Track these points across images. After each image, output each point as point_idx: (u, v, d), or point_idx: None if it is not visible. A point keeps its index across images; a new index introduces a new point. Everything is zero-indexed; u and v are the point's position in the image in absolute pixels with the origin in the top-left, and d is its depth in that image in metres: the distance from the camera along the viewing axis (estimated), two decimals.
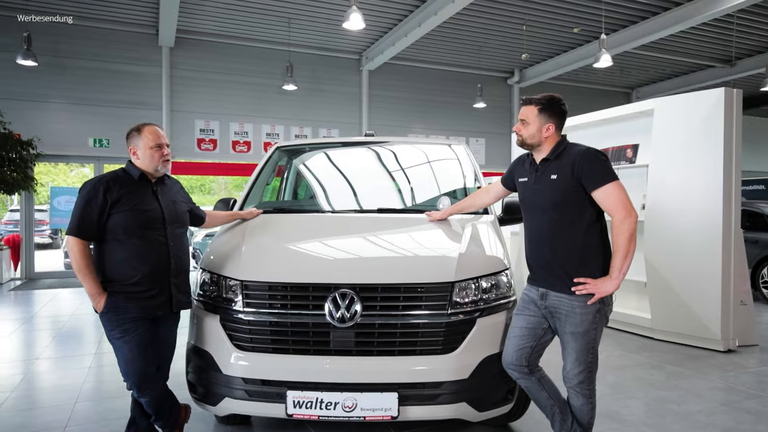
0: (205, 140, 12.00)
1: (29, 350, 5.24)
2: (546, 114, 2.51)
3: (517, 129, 2.59)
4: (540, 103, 2.53)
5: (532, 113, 2.53)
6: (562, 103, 2.55)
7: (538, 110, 2.52)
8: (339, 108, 13.04)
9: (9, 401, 3.74)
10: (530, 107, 2.54)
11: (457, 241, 2.86)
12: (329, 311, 2.47)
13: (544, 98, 2.54)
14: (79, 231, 2.49)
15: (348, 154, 4.16)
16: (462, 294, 2.59)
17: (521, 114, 2.58)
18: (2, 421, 3.39)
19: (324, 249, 2.85)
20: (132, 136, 2.68)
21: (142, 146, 2.64)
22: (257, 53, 12.14)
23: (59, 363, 4.74)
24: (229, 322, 2.61)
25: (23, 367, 4.59)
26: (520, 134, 2.57)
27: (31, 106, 10.36)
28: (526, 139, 2.56)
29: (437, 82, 13.95)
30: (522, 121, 2.56)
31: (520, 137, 2.58)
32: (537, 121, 2.52)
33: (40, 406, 3.64)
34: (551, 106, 2.52)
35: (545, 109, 2.52)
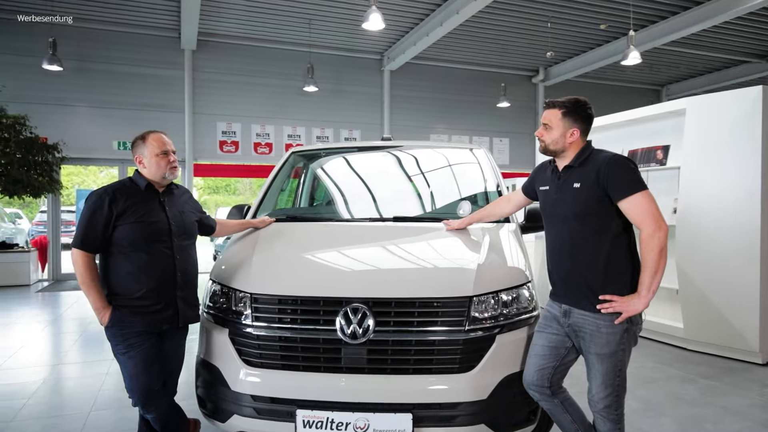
0: (227, 142, 12.04)
1: (51, 354, 5.27)
2: (570, 118, 2.36)
3: (540, 134, 2.43)
4: (564, 106, 2.37)
5: (556, 117, 2.38)
6: (588, 106, 2.39)
7: (562, 114, 2.36)
8: (360, 109, 12.95)
9: (26, 408, 3.73)
10: (553, 111, 2.39)
11: (475, 252, 2.72)
12: (340, 327, 2.36)
13: (569, 101, 2.38)
14: (83, 243, 2.43)
15: (364, 160, 4.04)
16: (481, 309, 2.45)
17: (544, 118, 2.42)
18: (17, 429, 3.38)
19: (336, 261, 2.74)
20: (137, 144, 2.60)
21: (148, 154, 2.57)
22: (278, 55, 12.13)
23: (78, 368, 4.75)
24: (238, 336, 2.51)
25: (43, 372, 4.61)
26: (542, 139, 2.42)
27: (57, 110, 10.53)
28: (549, 145, 2.40)
29: (460, 81, 13.75)
30: (545, 126, 2.41)
31: (542, 143, 2.43)
32: (561, 125, 2.36)
33: (54, 415, 3.62)
34: (576, 110, 2.37)
35: (570, 113, 2.36)
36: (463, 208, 3.27)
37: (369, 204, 3.62)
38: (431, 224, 3.14)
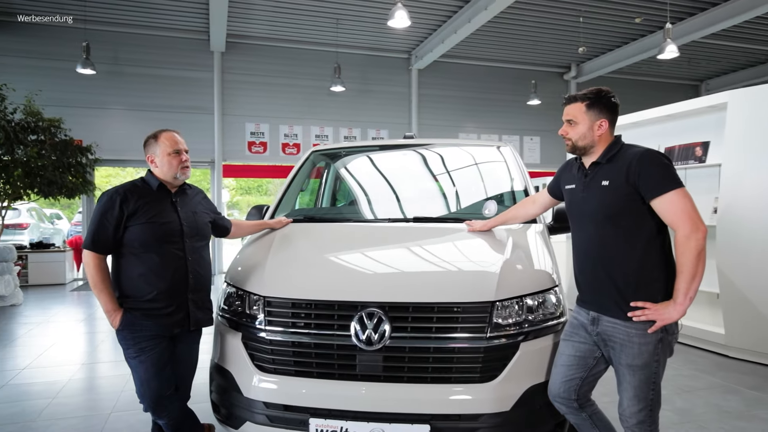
0: (256, 143, 12.12)
1: (79, 353, 5.33)
2: (596, 109, 2.20)
3: (564, 132, 2.28)
4: (587, 98, 2.22)
5: (580, 111, 2.22)
6: (611, 95, 2.23)
7: (585, 107, 2.21)
8: (388, 108, 12.86)
9: (49, 408, 3.76)
10: (576, 105, 2.23)
11: (498, 254, 2.58)
12: (355, 332, 2.26)
13: (590, 92, 2.22)
14: (94, 245, 2.39)
15: (385, 158, 3.93)
16: (504, 315, 2.31)
17: (566, 114, 2.27)
18: (38, 430, 3.40)
19: (352, 263, 2.64)
20: (149, 143, 2.56)
21: (160, 153, 2.52)
22: (305, 55, 12.15)
23: (104, 368, 4.79)
24: (251, 341, 2.44)
25: (70, 371, 4.66)
26: (568, 137, 2.27)
27: (91, 112, 10.77)
28: (577, 142, 2.24)
29: (489, 79, 13.51)
30: (568, 122, 2.25)
31: (569, 141, 2.27)
32: (586, 119, 2.21)
33: (76, 415, 3.63)
34: (600, 100, 2.20)
35: (594, 104, 2.20)
36: (489, 208, 3.13)
37: (389, 204, 3.51)
38: (453, 225, 3.01)
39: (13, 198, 8.70)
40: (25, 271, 9.99)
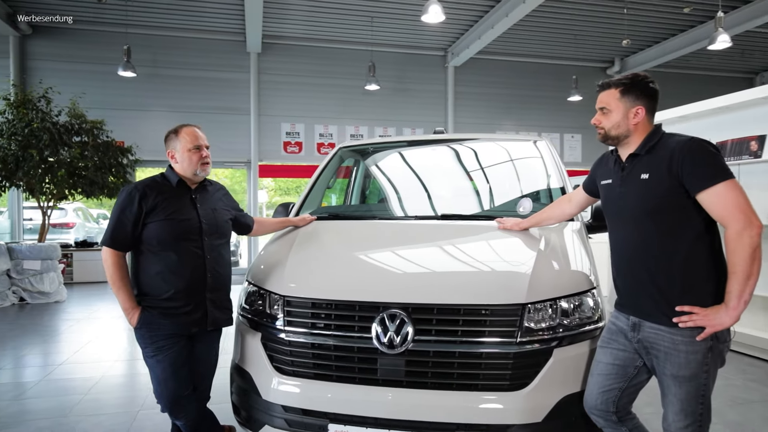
0: (291, 143, 12.17)
1: (114, 350, 5.41)
2: (631, 95, 2.01)
3: (597, 121, 2.09)
4: (621, 83, 2.03)
5: (613, 98, 2.04)
6: (649, 80, 2.03)
7: (620, 93, 2.02)
8: (423, 107, 12.70)
9: (81, 404, 3.80)
10: (609, 91, 2.05)
11: (530, 254, 2.41)
12: (376, 334, 2.14)
13: (625, 77, 2.04)
14: (112, 241, 2.36)
15: (414, 155, 3.79)
16: (536, 318, 2.15)
17: (599, 101, 2.09)
18: (68, 426, 3.43)
19: (374, 262, 2.52)
20: (169, 138, 2.51)
21: (180, 149, 2.47)
22: (340, 54, 12.13)
23: (136, 365, 4.83)
24: (270, 341, 2.36)
25: (104, 367, 4.72)
26: (600, 126, 2.09)
27: (132, 114, 11.05)
28: (610, 131, 2.06)
29: (527, 75, 13.17)
30: (601, 110, 2.07)
31: (601, 130, 2.09)
32: (620, 106, 2.02)
33: (105, 412, 3.65)
34: (636, 85, 2.02)
35: (629, 90, 2.01)
36: (524, 205, 2.96)
37: (416, 201, 3.38)
38: (483, 223, 2.85)
39: (58, 198, 8.99)
40: (70, 268, 10.33)
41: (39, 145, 8.23)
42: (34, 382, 4.36)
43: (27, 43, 10.77)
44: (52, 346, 5.60)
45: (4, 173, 8.27)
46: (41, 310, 7.67)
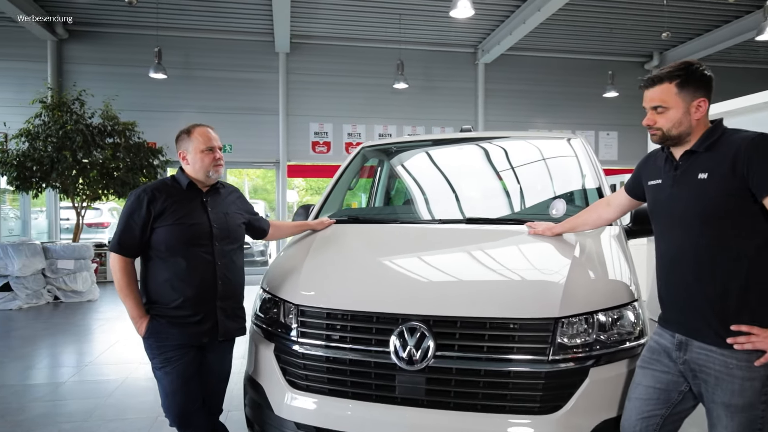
0: (320, 143, 12.12)
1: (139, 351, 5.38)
2: (690, 87, 1.77)
3: (651, 121, 1.84)
4: (676, 76, 1.77)
5: (669, 93, 1.78)
6: (703, 67, 1.78)
7: (677, 86, 1.77)
8: (453, 105, 12.46)
9: (100, 408, 3.77)
10: (663, 86, 1.80)
11: (564, 262, 2.21)
12: (395, 348, 1.99)
13: (678, 68, 1.78)
14: (120, 247, 2.27)
15: (439, 154, 3.60)
16: (570, 334, 1.96)
17: (650, 99, 1.84)
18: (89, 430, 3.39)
19: (394, 269, 2.36)
20: (181, 138, 2.41)
21: (192, 149, 2.36)
22: (368, 53, 12.01)
23: None
24: (283, 353, 2.23)
25: (128, 369, 4.71)
26: (657, 128, 1.84)
27: (163, 116, 11.16)
28: (670, 131, 1.80)
29: (561, 71, 12.77)
30: (655, 109, 1.83)
31: (657, 132, 1.84)
32: (680, 101, 1.77)
33: (124, 417, 3.61)
34: (692, 75, 1.76)
35: (687, 82, 1.76)
36: (557, 207, 2.74)
37: (441, 203, 3.20)
38: (512, 227, 2.65)
39: (91, 198, 9.14)
40: (103, 268, 10.50)
41: (72, 147, 8.37)
42: (61, 383, 4.37)
43: (64, 48, 11.02)
44: (81, 346, 5.65)
45: (39, 174, 8.44)
46: (74, 308, 7.79)
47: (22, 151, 8.29)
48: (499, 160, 3.39)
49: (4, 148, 8.29)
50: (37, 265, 8.21)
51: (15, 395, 4.12)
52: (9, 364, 4.98)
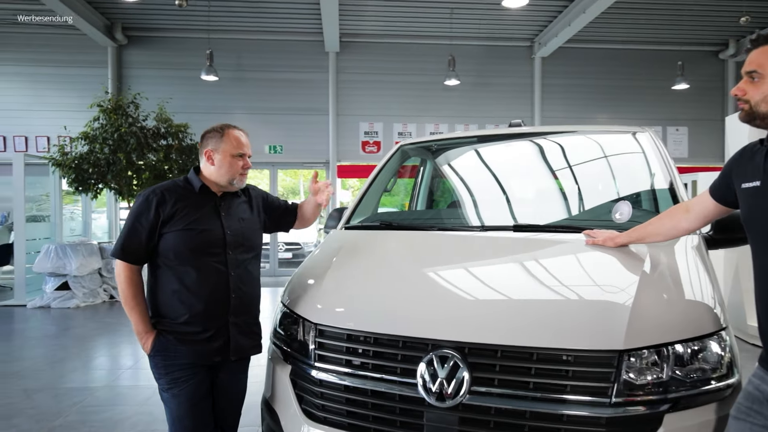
0: (369, 142, 11.93)
1: None
2: None
3: (740, 91, 1.49)
4: None
5: None
6: None
7: None
8: (507, 101, 11.95)
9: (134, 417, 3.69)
10: (764, 48, 1.44)
11: (631, 279, 1.84)
12: (423, 380, 1.69)
13: None
14: (123, 252, 2.07)
15: (485, 152, 3.22)
16: (638, 370, 1.59)
17: (749, 62, 1.47)
18: None
19: (426, 285, 2.04)
20: (211, 136, 2.18)
21: (222, 151, 2.14)
22: (419, 50, 11.70)
23: None
24: (300, 378, 1.98)
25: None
26: (745, 99, 1.48)
27: (215, 117, 11.18)
28: (758, 106, 1.45)
29: (624, 63, 11.99)
30: (749, 76, 1.46)
31: (744, 106, 1.49)
32: None
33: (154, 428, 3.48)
34: None
35: None
36: (621, 210, 2.33)
37: (484, 207, 2.84)
38: (566, 236, 2.27)
39: None
40: None
41: (127, 149, 8.54)
42: (99, 387, 4.34)
43: (123, 53, 11.36)
44: (125, 348, 5.66)
45: (96, 176, 8.68)
46: None
47: (81, 154, 8.54)
48: (551, 158, 2.99)
49: (65, 150, 8.55)
50: (94, 265, 8.43)
51: (55, 398, 4.11)
52: (57, 365, 5.03)
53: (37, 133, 11.21)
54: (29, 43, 11.14)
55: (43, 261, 7.99)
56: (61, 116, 10.17)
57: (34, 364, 5.12)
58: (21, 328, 6.88)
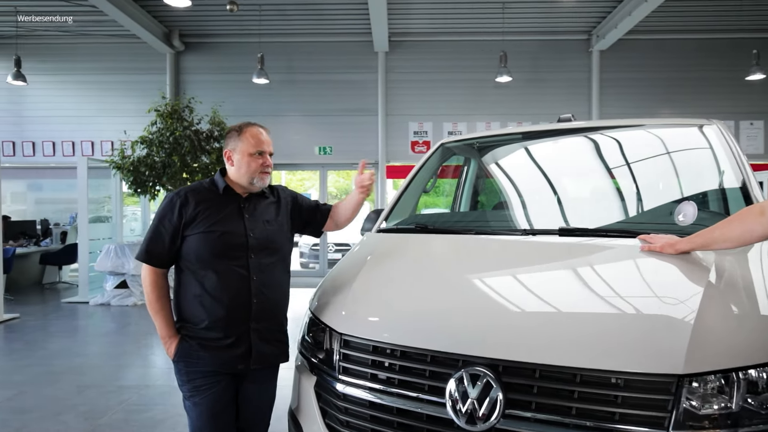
0: (419, 142, 11.77)
1: None
2: None
3: None
4: None
5: None
6: None
7: None
8: (563, 97, 11.46)
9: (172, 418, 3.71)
10: None
11: (694, 292, 1.60)
12: (452, 400, 1.53)
13: None
14: (148, 255, 2.03)
15: (531, 149, 2.97)
16: (701, 398, 1.38)
17: None
18: None
19: (458, 295, 1.86)
20: (230, 136, 2.14)
21: (240, 151, 2.09)
22: (469, 47, 11.43)
23: None
24: (324, 391, 1.87)
25: None
26: None
27: (266, 120, 11.31)
28: None
29: (691, 54, 11.24)
30: None
31: None
32: None
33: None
34: None
35: None
36: (685, 212, 2.07)
37: (527, 209, 2.62)
38: (618, 241, 2.03)
39: None
40: None
41: (181, 152, 8.79)
42: (148, 386, 4.42)
43: (180, 59, 11.73)
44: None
45: (153, 178, 8.98)
46: None
47: (139, 157, 8.86)
48: (603, 154, 2.73)
49: (125, 154, 8.90)
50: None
51: (104, 396, 4.21)
52: (110, 362, 5.20)
53: (102, 138, 11.75)
54: (96, 52, 11.70)
55: (104, 260, 8.33)
56: (123, 121, 10.62)
57: (90, 361, 5.30)
58: (82, 324, 7.19)
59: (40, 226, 11.07)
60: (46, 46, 11.66)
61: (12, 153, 11.77)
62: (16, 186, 12.34)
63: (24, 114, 11.89)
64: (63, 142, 11.77)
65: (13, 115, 11.89)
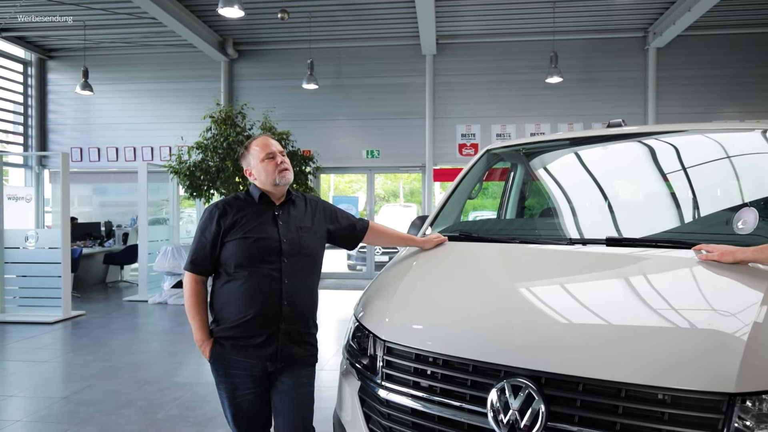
0: (467, 145, 11.69)
1: None
2: None
3: None
4: None
5: None
6: None
7: None
8: (616, 98, 11.13)
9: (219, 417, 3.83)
10: None
11: (750, 304, 1.54)
12: (493, 411, 1.54)
13: None
14: (192, 264, 2.19)
15: (580, 155, 2.92)
16: (755, 418, 1.32)
17: None
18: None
19: (502, 305, 1.85)
20: (242, 156, 2.31)
21: (254, 162, 2.24)
22: (518, 48, 11.27)
23: None
24: (368, 396, 1.91)
25: None
26: None
27: (315, 124, 11.69)
28: None
29: (756, 49, 10.67)
30: None
31: None
32: None
33: None
34: None
35: None
36: (745, 218, 1.99)
37: (576, 218, 2.57)
38: (671, 252, 1.96)
39: None
40: None
41: (234, 157, 9.09)
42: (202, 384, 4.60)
43: (234, 67, 12.13)
44: None
45: (207, 182, 9.33)
46: None
47: (194, 162, 9.23)
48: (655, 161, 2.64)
49: (181, 159, 9.29)
50: None
51: (161, 392, 4.42)
52: (167, 359, 5.44)
53: (161, 144, 12.30)
54: (156, 62, 12.28)
55: (162, 261, 8.71)
56: (180, 127, 11.07)
57: (148, 357, 5.57)
58: (142, 322, 7.55)
59: (104, 228, 11.70)
60: (110, 57, 12.33)
61: (80, 159, 12.49)
62: (82, 190, 13.11)
63: (90, 122, 12.61)
64: (125, 148, 12.40)
65: (81, 123, 12.64)
